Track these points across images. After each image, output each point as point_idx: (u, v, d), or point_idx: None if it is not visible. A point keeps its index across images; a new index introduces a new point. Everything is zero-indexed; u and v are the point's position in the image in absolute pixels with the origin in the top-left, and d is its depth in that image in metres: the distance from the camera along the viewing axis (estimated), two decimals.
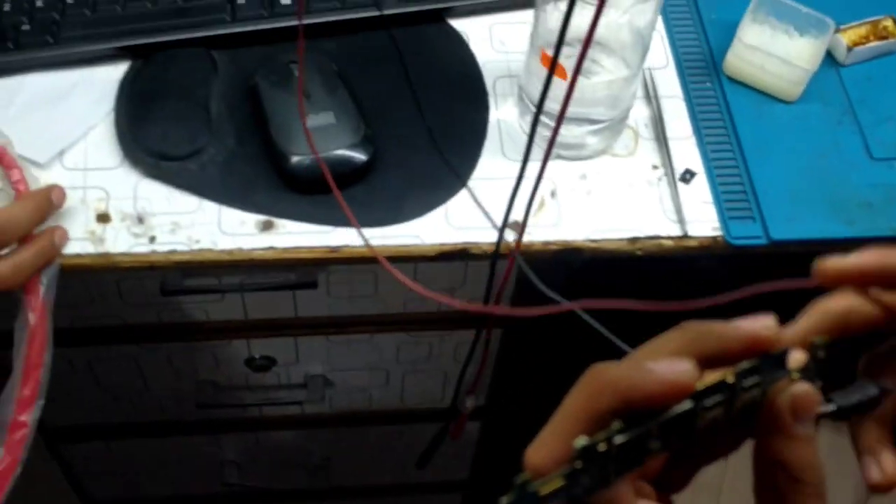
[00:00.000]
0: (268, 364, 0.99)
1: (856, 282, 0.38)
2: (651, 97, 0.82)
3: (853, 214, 0.75)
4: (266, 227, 0.74)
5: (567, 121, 0.72)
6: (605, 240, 0.75)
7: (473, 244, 0.75)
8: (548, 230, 0.75)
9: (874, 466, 0.36)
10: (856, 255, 0.37)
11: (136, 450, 1.13)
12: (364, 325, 0.94)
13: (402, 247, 0.74)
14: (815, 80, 0.81)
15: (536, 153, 0.79)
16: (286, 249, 0.74)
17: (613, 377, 0.32)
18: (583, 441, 0.30)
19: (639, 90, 0.82)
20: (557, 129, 0.65)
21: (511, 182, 0.69)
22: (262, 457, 1.17)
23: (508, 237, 0.74)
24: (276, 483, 1.21)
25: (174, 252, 0.73)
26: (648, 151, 0.80)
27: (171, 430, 1.10)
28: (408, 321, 0.94)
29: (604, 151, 0.79)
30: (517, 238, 0.72)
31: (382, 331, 0.95)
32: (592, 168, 0.78)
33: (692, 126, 0.81)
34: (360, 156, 0.76)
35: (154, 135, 0.77)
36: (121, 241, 0.73)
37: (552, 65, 0.54)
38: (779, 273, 0.75)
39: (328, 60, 0.81)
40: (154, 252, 0.73)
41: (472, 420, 1.12)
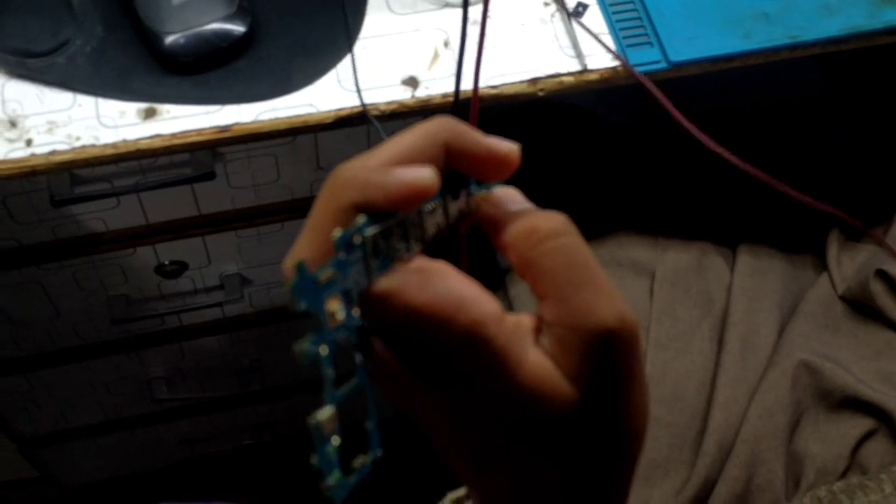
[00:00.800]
0: (179, 269, 0.95)
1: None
2: None
3: (750, 27, 0.74)
4: (149, 115, 0.70)
5: None
6: (505, 84, 0.73)
7: (371, 105, 0.71)
8: (445, 82, 0.73)
9: None
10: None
11: (58, 379, 1.09)
12: (272, 215, 0.91)
13: (297, 117, 0.71)
14: None
15: (424, 4, 0.77)
16: (173, 135, 0.70)
17: (355, 175, 0.32)
18: (338, 232, 0.29)
19: None
20: None
21: (402, 37, 0.66)
22: (190, 367, 1.14)
23: (405, 94, 0.72)
24: (209, 392, 1.19)
25: (55, 153, 0.69)
26: None
27: (91, 353, 1.06)
28: None
29: None
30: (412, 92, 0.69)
31: (293, 218, 0.92)
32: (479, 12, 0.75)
33: None
34: (238, 27, 0.72)
35: (13, 32, 0.72)
36: None
37: None
38: (682, 96, 0.74)
39: None
40: (33, 155, 0.68)
41: None
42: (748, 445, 0.82)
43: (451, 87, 0.72)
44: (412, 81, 0.72)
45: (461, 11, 0.75)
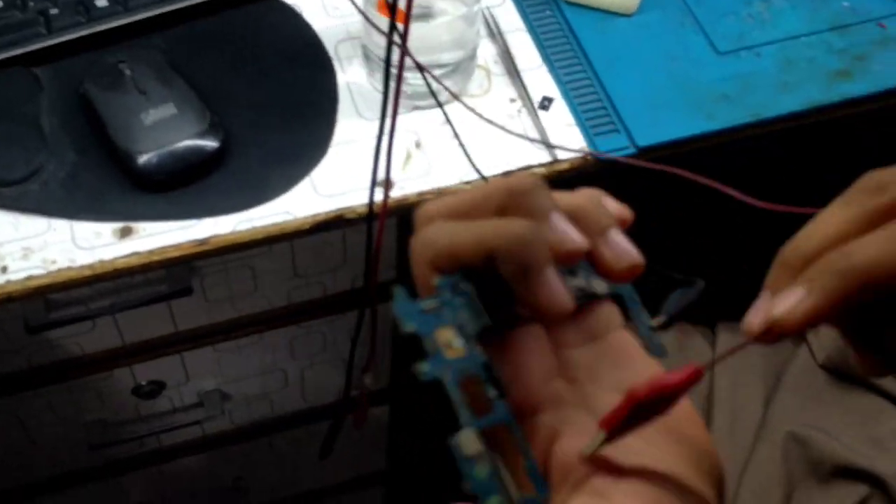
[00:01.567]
0: (157, 389, 0.94)
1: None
2: (495, 33, 0.81)
3: (712, 109, 0.76)
4: (125, 234, 0.70)
5: (416, 69, 0.70)
6: (479, 179, 0.73)
7: (348, 209, 0.72)
8: (419, 181, 0.73)
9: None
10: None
11: None
12: (250, 327, 0.90)
13: (274, 225, 0.71)
14: None
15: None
16: (151, 252, 0.69)
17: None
18: (440, 279, 0.31)
19: (482, 29, 0.81)
20: (401, 73, 0.64)
21: (373, 141, 0.67)
22: (171, 490, 1.11)
23: (378, 196, 0.72)
24: None
25: (31, 277, 0.68)
26: (503, 86, 0.79)
27: (69, 482, 1.03)
28: (295, 312, 0.90)
29: (459, 94, 0.77)
30: (385, 193, 0.70)
31: (271, 328, 0.91)
32: (452, 112, 0.76)
33: (540, 55, 0.80)
34: (211, 143, 0.72)
35: None
36: None
37: (392, 8, 0.53)
38: (647, 183, 0.75)
39: (158, 53, 0.77)
40: (9, 282, 0.68)
41: (379, 405, 1.10)
42: None
43: (426, 186, 0.73)
44: (387, 184, 0.73)
45: (430, 113, 0.77)
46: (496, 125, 0.76)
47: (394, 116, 0.64)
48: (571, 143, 0.75)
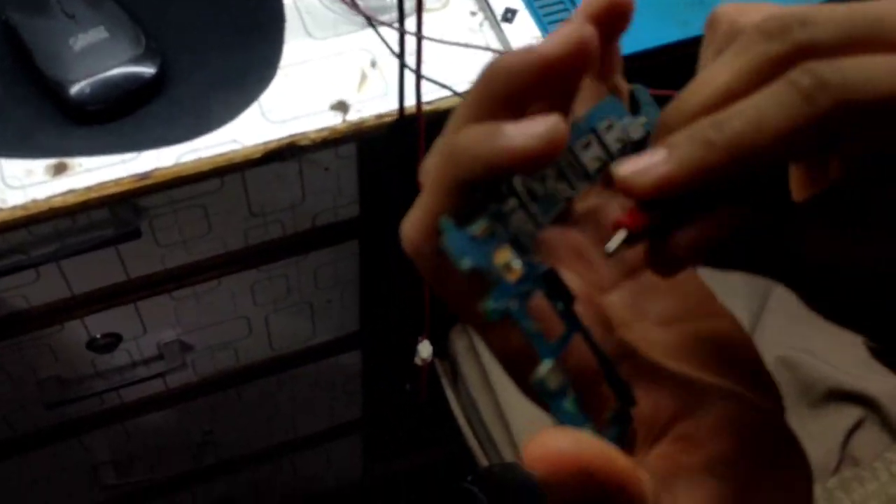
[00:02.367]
0: (113, 341, 0.89)
1: None
2: None
3: (685, 15, 0.71)
4: (59, 171, 0.64)
5: None
6: (441, 98, 0.68)
7: (300, 135, 0.67)
8: (377, 102, 0.68)
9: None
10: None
11: None
12: (207, 272, 0.85)
13: (221, 155, 0.66)
14: None
15: (345, 27, 0.72)
16: (88, 189, 0.64)
17: (478, 149, 0.26)
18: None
19: None
20: None
21: (325, 61, 0.62)
22: (138, 448, 1.06)
23: (336, 120, 0.67)
24: (161, 472, 1.11)
25: None
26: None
27: (27, 445, 0.99)
28: (255, 254, 0.85)
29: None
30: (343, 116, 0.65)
31: (229, 272, 0.86)
32: (411, 28, 0.71)
33: None
34: (148, 69, 0.67)
35: None
36: None
37: None
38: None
39: None
40: None
41: (350, 351, 1.05)
42: None
43: (384, 108, 0.68)
44: (342, 106, 0.67)
45: (384, 30, 0.71)
46: (455, 44, 0.71)
47: None
48: None
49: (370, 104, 0.68)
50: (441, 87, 0.68)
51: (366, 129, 0.67)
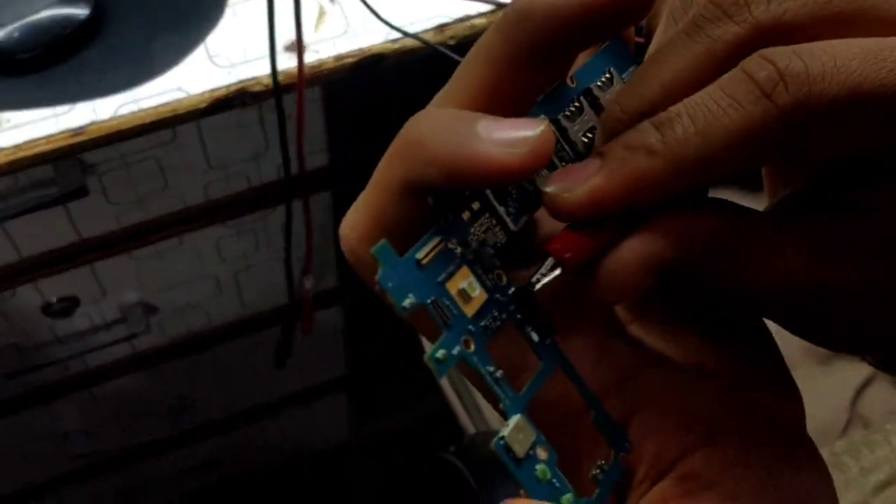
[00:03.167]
0: (70, 305, 0.83)
1: None
2: None
3: None
4: None
5: None
6: (408, 36, 0.62)
7: (252, 80, 0.60)
8: (337, 42, 0.61)
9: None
10: None
11: None
12: (165, 229, 0.79)
13: (164, 105, 0.59)
14: None
15: None
16: (17, 147, 0.58)
17: (435, 148, 0.20)
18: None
19: None
20: None
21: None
22: (109, 414, 1.01)
23: (291, 62, 0.60)
24: (134, 438, 1.06)
25: None
26: None
27: None
28: (218, 209, 0.79)
29: None
30: (299, 59, 0.58)
31: (190, 229, 0.80)
32: None
33: None
34: (80, 10, 0.60)
35: None
36: None
37: None
38: None
39: None
40: None
41: (330, 307, 1.00)
42: None
43: (345, 48, 0.61)
44: (295, 46, 0.61)
45: None
46: None
47: None
48: None
49: (329, 44, 0.61)
50: (398, 30, 0.61)
51: (324, 73, 0.61)
